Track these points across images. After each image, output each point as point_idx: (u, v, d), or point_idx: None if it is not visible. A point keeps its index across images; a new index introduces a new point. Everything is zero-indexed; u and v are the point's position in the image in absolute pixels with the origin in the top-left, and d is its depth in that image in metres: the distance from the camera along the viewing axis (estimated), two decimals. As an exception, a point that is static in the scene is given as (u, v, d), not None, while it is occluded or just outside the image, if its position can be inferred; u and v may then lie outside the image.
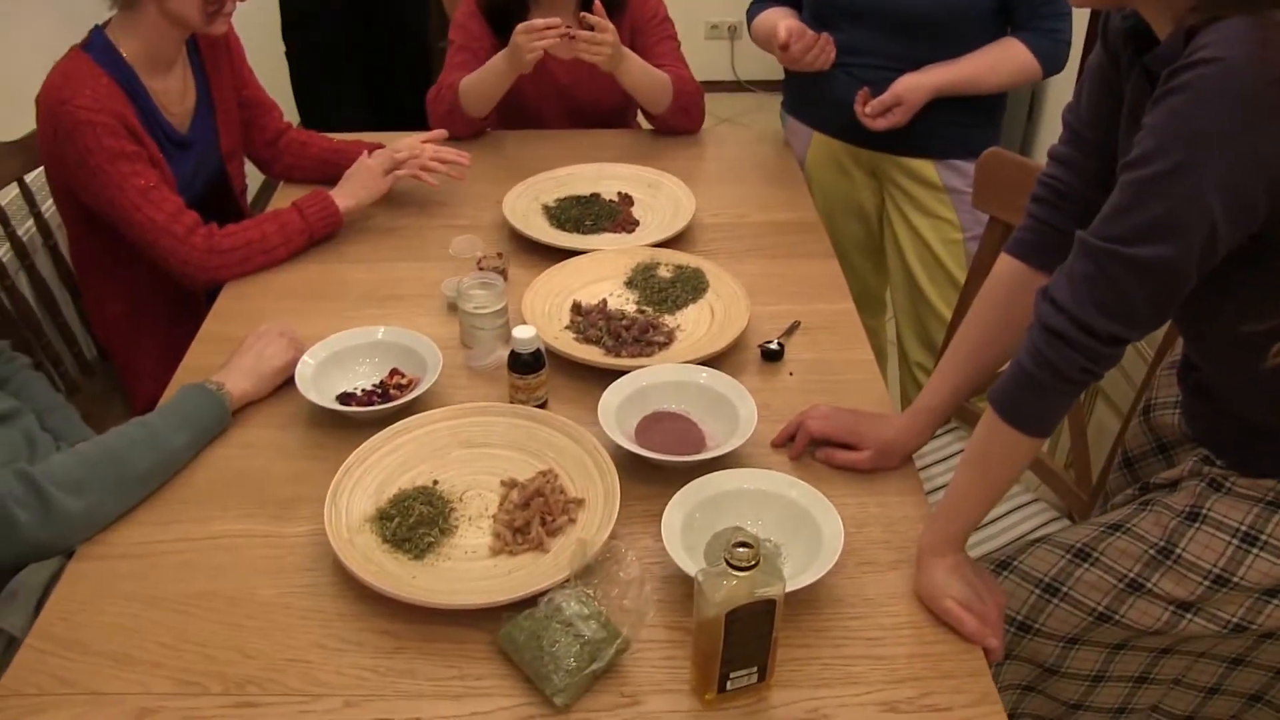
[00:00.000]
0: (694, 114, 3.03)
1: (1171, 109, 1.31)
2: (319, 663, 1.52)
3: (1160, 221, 1.33)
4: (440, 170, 2.63)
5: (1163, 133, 1.32)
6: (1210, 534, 1.62)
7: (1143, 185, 1.34)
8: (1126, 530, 1.70)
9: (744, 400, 1.91)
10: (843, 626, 1.57)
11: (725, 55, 6.37)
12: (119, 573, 1.67)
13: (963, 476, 1.62)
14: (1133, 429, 1.96)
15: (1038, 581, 1.75)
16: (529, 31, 2.63)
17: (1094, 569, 1.70)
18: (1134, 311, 1.40)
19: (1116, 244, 1.37)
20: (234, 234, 2.38)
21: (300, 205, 2.47)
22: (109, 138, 2.24)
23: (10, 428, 1.89)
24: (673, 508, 1.67)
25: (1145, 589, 1.66)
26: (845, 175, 2.88)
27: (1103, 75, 1.62)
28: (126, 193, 2.28)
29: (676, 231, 2.51)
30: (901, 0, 2.52)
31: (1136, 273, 1.37)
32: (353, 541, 1.67)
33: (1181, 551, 1.63)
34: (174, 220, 2.31)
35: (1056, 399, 1.50)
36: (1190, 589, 1.63)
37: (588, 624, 1.47)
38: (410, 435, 1.87)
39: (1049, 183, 1.73)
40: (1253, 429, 1.61)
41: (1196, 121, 1.29)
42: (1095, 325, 1.41)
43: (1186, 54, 1.29)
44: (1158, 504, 1.69)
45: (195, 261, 2.33)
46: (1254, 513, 1.60)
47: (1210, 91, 1.27)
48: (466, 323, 2.12)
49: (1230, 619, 1.63)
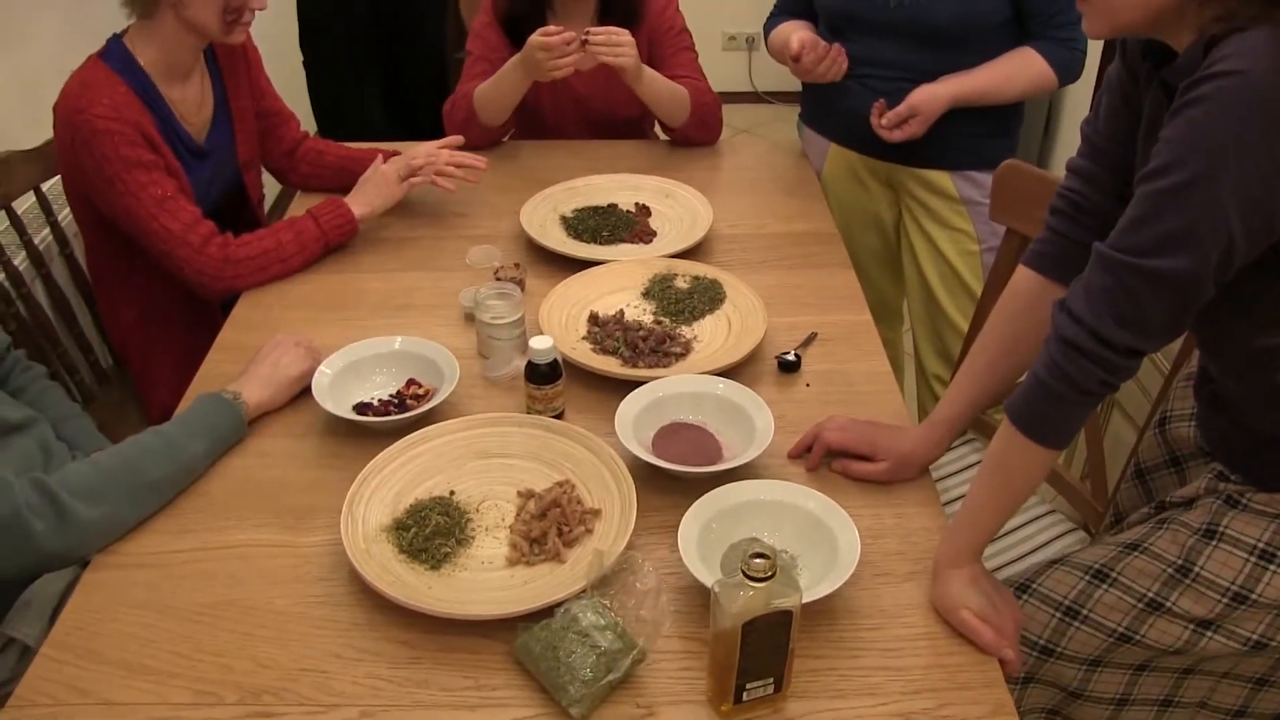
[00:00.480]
0: (712, 126, 3.03)
1: (1190, 120, 1.30)
2: (335, 673, 1.52)
3: (1178, 233, 1.33)
4: (456, 175, 2.63)
5: (1181, 144, 1.31)
6: (1228, 551, 1.61)
7: (1160, 197, 1.34)
8: (1144, 550, 1.69)
9: (761, 411, 1.91)
10: (859, 638, 1.56)
11: (743, 66, 6.37)
12: (134, 582, 1.67)
13: (979, 488, 1.62)
14: (1147, 440, 1.95)
15: (1058, 605, 1.74)
16: (547, 49, 2.63)
17: (1113, 589, 1.70)
18: (1151, 323, 1.40)
19: (1134, 256, 1.37)
20: (249, 243, 2.39)
21: (315, 213, 2.48)
22: (126, 147, 2.25)
23: (26, 437, 1.90)
24: (689, 518, 1.66)
25: (1165, 608, 1.65)
26: (862, 187, 2.88)
27: (1121, 89, 1.61)
28: (143, 201, 2.28)
29: (694, 242, 2.51)
30: (916, 11, 2.51)
31: (1153, 285, 1.36)
32: (369, 551, 1.66)
33: (1200, 570, 1.62)
34: (190, 230, 2.31)
35: (1073, 411, 1.49)
36: (1209, 606, 1.62)
37: (604, 635, 1.47)
38: (427, 445, 1.87)
39: (1067, 195, 1.72)
40: (1267, 441, 1.60)
41: (1216, 133, 1.28)
42: (1112, 337, 1.40)
43: (1206, 66, 1.29)
44: (1175, 522, 1.68)
45: (211, 271, 2.33)
46: (1271, 529, 1.59)
47: (1230, 103, 1.27)
48: (483, 333, 2.12)
49: (1250, 636, 1.62)
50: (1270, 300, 1.44)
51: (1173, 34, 1.42)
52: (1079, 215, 1.71)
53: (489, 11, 2.97)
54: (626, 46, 2.68)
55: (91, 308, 2.80)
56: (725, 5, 6.01)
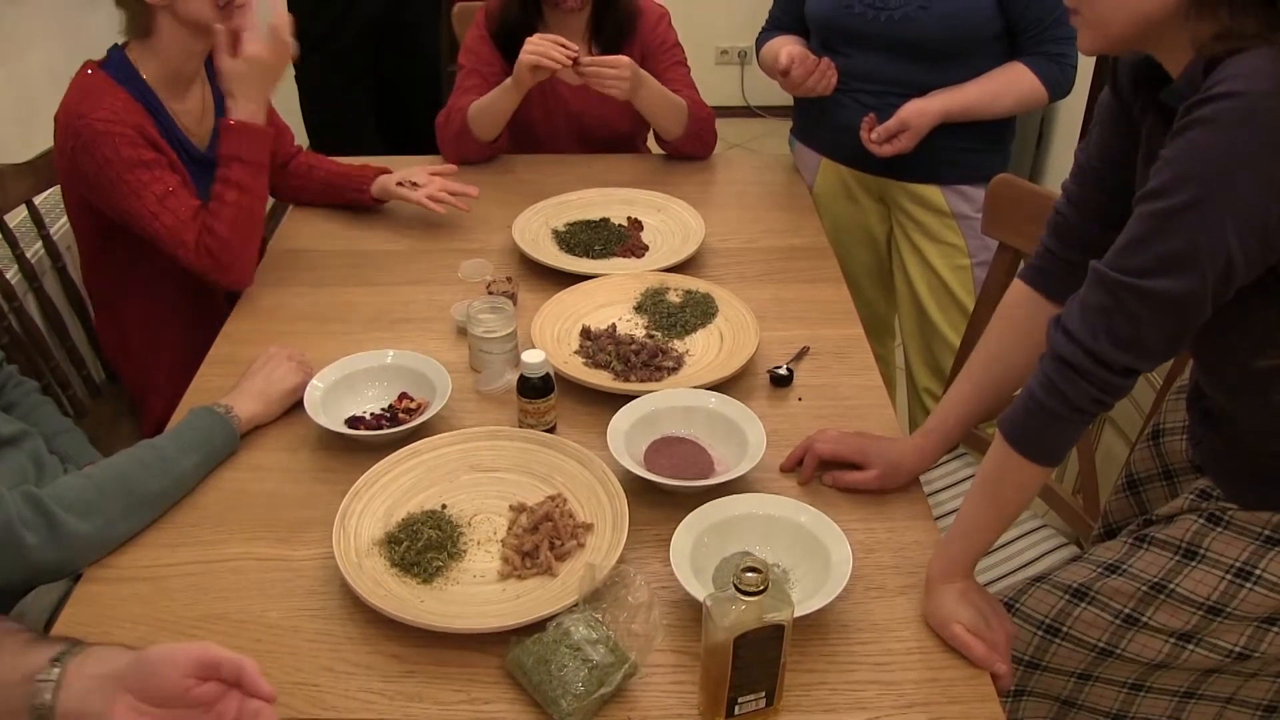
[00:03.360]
0: (707, 140, 3.04)
1: (1191, 142, 1.30)
2: (327, 686, 1.52)
3: (1177, 254, 1.33)
4: (449, 201, 2.65)
5: (1182, 165, 1.32)
6: (1205, 570, 1.62)
7: (1160, 218, 1.34)
8: (1123, 571, 1.69)
9: (753, 425, 1.91)
10: (851, 651, 1.57)
11: (735, 80, 6.38)
12: (127, 595, 1.67)
13: (972, 503, 1.62)
14: (1141, 453, 1.96)
15: (1039, 623, 1.75)
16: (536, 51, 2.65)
17: (1091, 607, 1.70)
18: (1147, 343, 1.40)
19: (1132, 276, 1.37)
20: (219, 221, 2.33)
21: (228, 154, 2.37)
22: (128, 147, 2.24)
23: (18, 451, 1.89)
24: (682, 532, 1.66)
25: (1141, 623, 1.66)
26: (854, 201, 2.89)
27: (1113, 115, 1.62)
28: (145, 200, 2.27)
29: (686, 256, 2.51)
30: (907, 25, 2.52)
31: (1151, 305, 1.37)
32: (361, 565, 1.67)
33: (1175, 587, 1.63)
34: (186, 228, 2.30)
35: (1067, 428, 1.50)
36: (1185, 619, 1.63)
37: (596, 648, 1.47)
38: (419, 459, 1.87)
39: (1059, 219, 1.73)
40: (1259, 457, 1.60)
41: (1218, 154, 1.28)
42: (1108, 356, 1.41)
43: (1206, 87, 1.29)
44: (1154, 542, 1.69)
45: (207, 265, 2.33)
46: (1250, 549, 1.59)
47: (1232, 125, 1.27)
48: (475, 347, 2.12)
49: (1232, 647, 1.63)
50: (1267, 322, 1.45)
51: (1167, 52, 1.42)
52: (1070, 238, 1.72)
53: (481, 25, 2.98)
54: (615, 80, 2.70)
55: (84, 321, 2.79)
56: (718, 20, 6.02)
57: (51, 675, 1.21)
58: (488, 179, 2.85)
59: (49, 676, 1.21)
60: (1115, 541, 1.76)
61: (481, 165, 3.00)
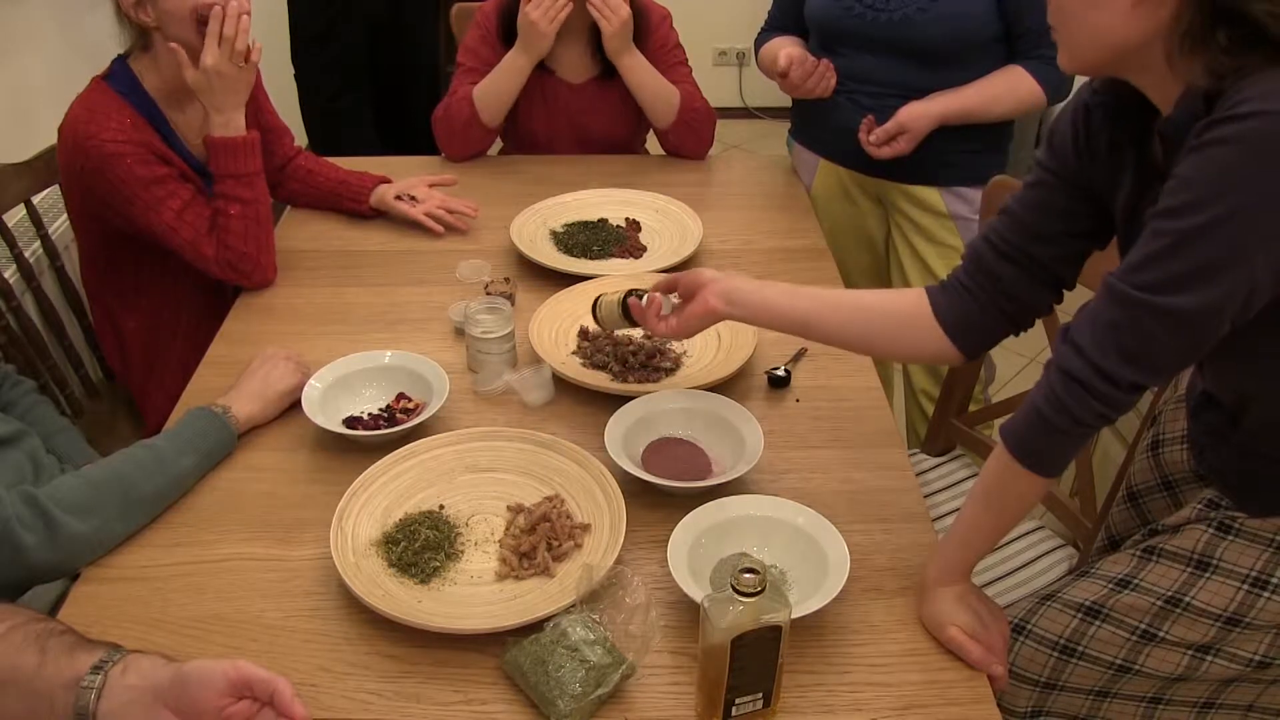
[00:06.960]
0: (702, 134, 3.04)
1: (1214, 160, 1.28)
2: (324, 686, 1.52)
3: (1196, 271, 1.31)
4: (447, 220, 2.67)
5: (1204, 184, 1.29)
6: (1220, 581, 1.60)
7: (1181, 235, 1.31)
8: (1135, 586, 1.67)
9: (750, 426, 1.91)
10: (848, 653, 1.57)
11: (734, 81, 6.38)
12: (124, 595, 1.67)
13: (971, 510, 1.61)
14: (1140, 464, 1.93)
15: (1054, 644, 1.71)
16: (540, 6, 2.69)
17: (1106, 625, 1.67)
18: (1158, 360, 1.39)
19: (1148, 292, 1.34)
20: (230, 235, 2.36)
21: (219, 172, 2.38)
22: (140, 166, 2.27)
23: (16, 450, 1.89)
24: (679, 533, 1.67)
25: (1159, 638, 1.64)
26: (852, 203, 2.89)
27: (1064, 183, 1.63)
28: (163, 215, 2.30)
29: (684, 257, 2.51)
30: (906, 27, 2.52)
31: (1167, 323, 1.34)
32: (359, 565, 1.67)
33: (1191, 600, 1.61)
34: (205, 241, 2.35)
35: (1069, 441, 1.48)
36: (1203, 632, 1.61)
37: (593, 649, 1.47)
38: (416, 460, 1.88)
39: (972, 248, 1.74)
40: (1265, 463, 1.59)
41: (1245, 173, 1.27)
42: (1116, 373, 1.39)
43: (1226, 108, 1.27)
44: (1164, 554, 1.67)
45: (230, 276, 2.39)
46: (1264, 557, 1.57)
47: (1256, 143, 1.25)
48: (473, 347, 2.12)
49: (1252, 656, 1.61)
50: None
51: (1151, 81, 1.42)
52: (977, 271, 1.72)
53: (480, 25, 2.98)
54: (615, 13, 2.75)
55: (82, 320, 2.79)
56: (717, 21, 6.02)
57: (94, 683, 1.24)
58: (486, 179, 2.86)
59: (91, 684, 1.24)
60: (1122, 554, 1.74)
61: (480, 166, 3.00)
